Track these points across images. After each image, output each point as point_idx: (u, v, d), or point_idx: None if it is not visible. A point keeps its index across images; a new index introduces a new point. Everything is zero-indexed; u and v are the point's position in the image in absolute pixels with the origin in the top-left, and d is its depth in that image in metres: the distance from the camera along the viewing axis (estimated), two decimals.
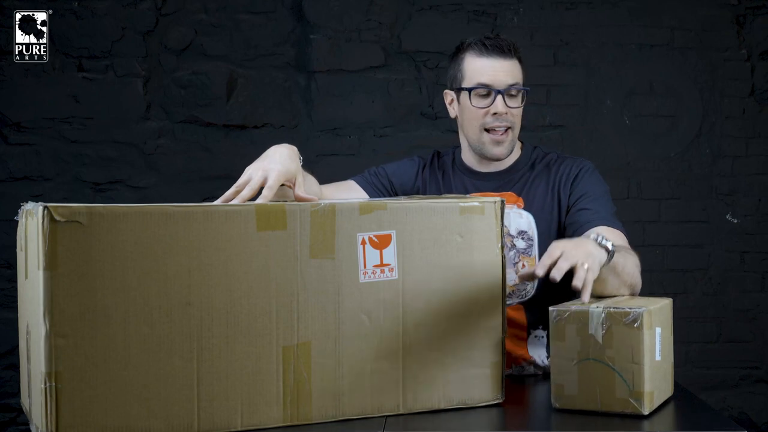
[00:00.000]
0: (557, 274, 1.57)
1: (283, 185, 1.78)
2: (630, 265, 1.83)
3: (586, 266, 1.60)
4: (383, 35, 3.46)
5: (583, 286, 1.60)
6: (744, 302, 3.52)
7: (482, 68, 2.04)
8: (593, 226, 1.94)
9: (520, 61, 2.07)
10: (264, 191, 1.65)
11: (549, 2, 3.47)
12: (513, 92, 2.05)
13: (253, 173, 1.68)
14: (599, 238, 1.71)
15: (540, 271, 1.59)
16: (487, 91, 2.04)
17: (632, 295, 1.84)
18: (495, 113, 2.03)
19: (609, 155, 3.46)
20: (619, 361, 1.57)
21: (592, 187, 2.05)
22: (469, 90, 2.05)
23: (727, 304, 3.52)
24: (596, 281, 1.69)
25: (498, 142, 2.06)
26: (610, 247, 1.71)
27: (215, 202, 1.60)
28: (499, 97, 2.03)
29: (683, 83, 3.49)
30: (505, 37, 2.06)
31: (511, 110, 2.05)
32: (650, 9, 3.48)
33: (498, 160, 2.09)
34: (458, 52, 2.09)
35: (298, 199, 1.72)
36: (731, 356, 3.52)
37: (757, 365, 3.53)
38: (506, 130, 2.06)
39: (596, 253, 1.66)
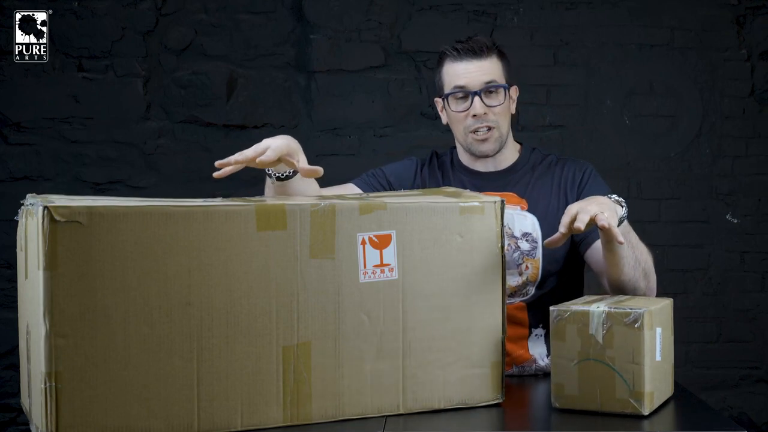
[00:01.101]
0: (581, 224, 1.64)
1: (288, 176, 1.79)
2: (643, 248, 1.93)
3: (605, 213, 1.68)
4: (383, 35, 3.46)
5: (609, 226, 1.66)
6: (744, 302, 3.52)
7: (457, 72, 2.06)
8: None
9: (502, 58, 2.08)
10: (268, 152, 1.68)
11: (549, 2, 3.47)
12: (491, 90, 2.05)
13: (255, 145, 1.71)
14: (612, 196, 1.82)
15: (563, 229, 1.68)
16: (464, 93, 2.05)
17: (647, 284, 1.92)
18: (474, 115, 2.04)
19: (609, 155, 3.46)
20: (620, 361, 1.57)
21: (599, 191, 2.06)
22: (448, 95, 2.07)
23: (727, 304, 3.52)
24: (612, 255, 1.82)
25: (482, 140, 2.07)
26: (622, 202, 1.82)
27: (218, 163, 1.66)
28: (476, 98, 2.04)
29: (683, 83, 3.49)
30: (480, 38, 2.07)
31: (492, 109, 2.05)
32: (650, 9, 3.48)
33: (487, 156, 2.10)
34: (439, 60, 2.11)
35: (304, 172, 1.73)
36: (731, 356, 3.52)
37: (757, 365, 3.53)
38: (489, 130, 2.06)
39: (611, 205, 1.76)
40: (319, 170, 1.74)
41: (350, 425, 1.57)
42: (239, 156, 1.67)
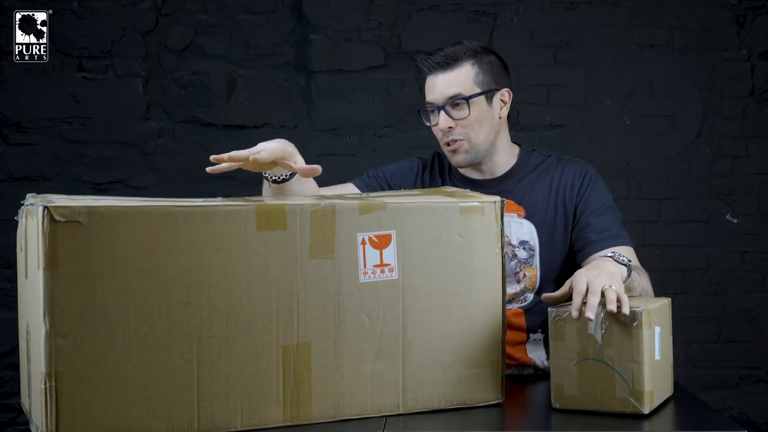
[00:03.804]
0: (591, 314, 1.57)
1: (284, 179, 1.79)
2: (644, 281, 1.88)
3: (613, 287, 1.62)
4: (383, 35, 3.46)
5: (618, 302, 1.59)
6: (744, 302, 3.52)
7: (428, 86, 2.05)
8: (604, 246, 1.96)
9: (479, 64, 2.02)
10: (262, 153, 1.69)
11: (549, 2, 3.47)
12: (458, 102, 2.01)
13: (251, 147, 1.71)
14: (615, 255, 1.77)
15: (575, 314, 1.60)
16: (433, 108, 2.04)
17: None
18: (442, 129, 2.03)
19: (609, 155, 3.46)
20: (619, 360, 1.58)
21: (598, 198, 2.04)
22: (421, 111, 2.08)
23: (727, 304, 3.52)
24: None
25: (453, 152, 2.05)
26: (626, 262, 1.77)
27: (213, 158, 1.65)
28: (442, 113, 2.02)
29: (683, 83, 3.49)
30: (452, 47, 2.03)
31: (460, 122, 2.01)
32: (650, 9, 3.48)
33: (460, 167, 2.08)
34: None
35: (303, 172, 1.72)
36: (731, 356, 3.52)
37: (757, 365, 3.53)
38: (456, 142, 2.03)
39: (617, 272, 1.72)
40: (318, 168, 1.73)
41: (350, 425, 1.57)
42: (234, 153, 1.67)
